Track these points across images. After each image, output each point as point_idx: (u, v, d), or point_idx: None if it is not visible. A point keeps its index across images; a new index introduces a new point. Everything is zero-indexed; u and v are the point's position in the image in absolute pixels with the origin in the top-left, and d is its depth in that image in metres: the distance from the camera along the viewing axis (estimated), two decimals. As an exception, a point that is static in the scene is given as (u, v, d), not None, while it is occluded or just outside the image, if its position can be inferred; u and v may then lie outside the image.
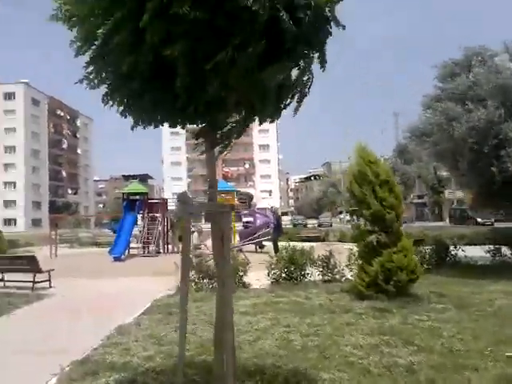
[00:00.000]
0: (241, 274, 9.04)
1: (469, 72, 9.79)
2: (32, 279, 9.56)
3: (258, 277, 9.57)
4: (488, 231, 21.92)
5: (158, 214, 20.28)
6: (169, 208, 21.10)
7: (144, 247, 19.24)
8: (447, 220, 45.90)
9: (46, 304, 8.29)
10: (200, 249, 14.33)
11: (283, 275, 9.34)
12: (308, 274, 9.49)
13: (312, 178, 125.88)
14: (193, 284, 8.89)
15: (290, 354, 4.73)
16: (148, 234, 19.54)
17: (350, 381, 3.96)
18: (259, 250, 17.58)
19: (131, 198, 20.09)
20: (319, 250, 10.33)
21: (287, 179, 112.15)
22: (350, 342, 5.07)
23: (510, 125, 8.55)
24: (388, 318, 6.14)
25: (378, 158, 9.10)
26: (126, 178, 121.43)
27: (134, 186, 20.78)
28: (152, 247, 19.73)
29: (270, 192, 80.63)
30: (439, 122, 9.75)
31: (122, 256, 17.23)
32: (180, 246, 21.22)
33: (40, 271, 9.73)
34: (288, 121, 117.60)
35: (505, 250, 12.33)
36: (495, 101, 8.70)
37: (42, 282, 9.82)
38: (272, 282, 9.30)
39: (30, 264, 9.71)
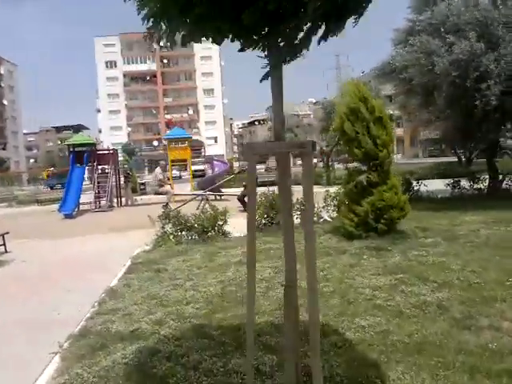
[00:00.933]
0: (221, 223, 8.59)
1: (443, 1, 9.45)
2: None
3: (233, 225, 9.19)
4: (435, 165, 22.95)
5: (107, 166, 19.02)
6: (119, 159, 19.84)
7: (96, 202, 18.09)
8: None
9: (7, 271, 7.43)
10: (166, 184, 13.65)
11: (263, 221, 9.02)
12: (288, 217, 9.25)
13: (256, 122, 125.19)
14: (171, 237, 8.36)
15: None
16: (99, 187, 18.35)
17: (388, 325, 3.75)
18: (220, 198, 17.14)
19: (77, 149, 18.54)
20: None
21: (231, 125, 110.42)
22: (365, 284, 4.88)
23: (490, 57, 8.42)
24: (388, 257, 6.04)
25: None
26: (58, 129, 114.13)
27: (80, 137, 19.17)
28: (104, 201, 18.65)
29: (216, 139, 79.13)
30: (416, 57, 9.46)
31: (73, 212, 16.10)
32: (134, 198, 20.33)
33: (-7, 235, 8.71)
34: (230, 64, 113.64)
35: (464, 182, 12.82)
36: (475, 33, 8.49)
37: (-4, 246, 8.84)
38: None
39: (-19, 228, 8.62)
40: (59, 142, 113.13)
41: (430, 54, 9.11)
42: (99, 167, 18.71)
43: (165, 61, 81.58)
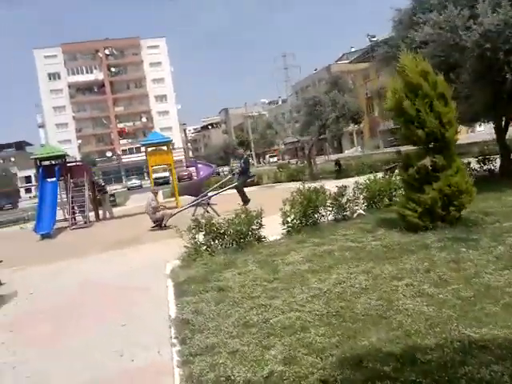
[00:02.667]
0: (255, 227, 7.56)
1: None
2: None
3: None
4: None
5: (80, 180, 17.31)
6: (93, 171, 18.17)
7: (72, 218, 16.36)
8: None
9: (17, 309, 6.03)
10: (161, 209, 12.32)
11: (297, 221, 8.07)
12: (323, 215, 8.39)
13: (209, 126, 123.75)
14: (204, 248, 7.24)
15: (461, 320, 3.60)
16: (73, 202, 16.63)
17: None
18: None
19: (46, 163, 16.72)
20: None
21: (184, 130, 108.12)
22: (506, 281, 4.10)
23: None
24: (485, 247, 5.29)
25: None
26: (0, 146, 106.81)
27: (48, 149, 17.22)
28: (80, 217, 16.96)
29: (173, 145, 76.87)
30: (437, 33, 8.91)
31: (51, 232, 14.38)
32: (112, 211, 18.70)
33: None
34: (179, 70, 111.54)
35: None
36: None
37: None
38: (288, 231, 8.00)
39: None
40: (1, 161, 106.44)
41: (455, 28, 8.60)
42: (71, 180, 16.96)
43: (112, 69, 78.53)
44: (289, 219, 8.00)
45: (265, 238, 7.68)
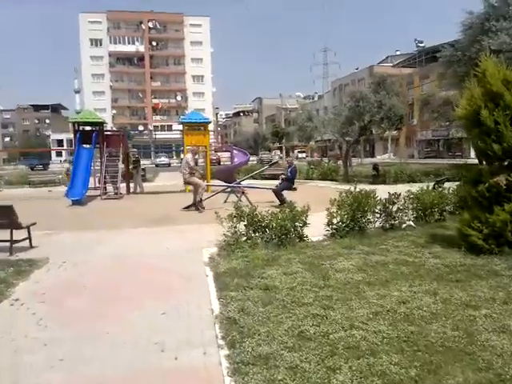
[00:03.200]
0: (300, 224, 7.12)
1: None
2: (9, 238, 6.83)
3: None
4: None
5: (115, 149, 17.18)
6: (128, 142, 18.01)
7: (103, 188, 16.26)
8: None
9: (52, 280, 5.77)
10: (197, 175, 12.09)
11: (343, 224, 7.58)
12: (371, 221, 7.89)
13: (241, 113, 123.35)
14: (244, 239, 6.85)
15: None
16: (106, 172, 16.51)
17: None
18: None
19: (84, 128, 16.63)
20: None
21: (216, 114, 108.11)
22: None
23: None
24: None
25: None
26: (36, 107, 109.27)
27: (88, 114, 17.06)
28: (111, 188, 16.87)
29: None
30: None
31: (82, 198, 14.28)
32: (143, 186, 18.56)
33: (20, 226, 7.00)
34: (218, 52, 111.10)
35: None
36: None
37: (20, 240, 7.12)
38: (332, 234, 7.54)
39: (5, 217, 6.87)
40: (36, 121, 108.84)
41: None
42: (107, 150, 16.83)
43: (153, 43, 78.59)
44: (335, 221, 7.54)
45: (307, 237, 7.25)
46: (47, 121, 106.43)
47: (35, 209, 12.13)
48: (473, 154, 43.92)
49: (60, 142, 77.69)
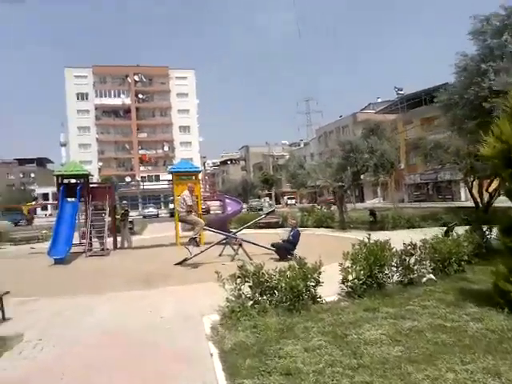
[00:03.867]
0: (312, 283, 6.30)
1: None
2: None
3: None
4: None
5: (101, 203, 16.35)
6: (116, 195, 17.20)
7: (88, 244, 15.25)
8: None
9: (23, 364, 4.78)
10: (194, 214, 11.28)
11: (359, 281, 6.76)
12: (389, 276, 7.10)
13: (228, 161, 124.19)
14: (250, 303, 5.97)
15: None
16: (92, 226, 15.58)
17: None
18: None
19: (70, 181, 15.85)
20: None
21: (204, 163, 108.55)
22: None
23: None
24: None
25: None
26: (21, 161, 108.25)
27: (72, 166, 16.34)
28: (97, 244, 15.87)
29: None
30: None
31: (65, 257, 13.25)
32: (131, 240, 17.58)
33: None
34: (204, 103, 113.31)
35: None
36: None
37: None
38: (348, 292, 6.71)
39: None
40: (21, 175, 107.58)
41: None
42: (93, 203, 15.98)
43: (140, 96, 79.77)
44: (350, 277, 6.74)
45: (320, 297, 6.41)
46: (32, 175, 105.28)
47: (12, 271, 11.08)
48: (463, 196, 44.19)
49: (45, 196, 76.39)
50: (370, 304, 6.05)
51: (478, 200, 21.61)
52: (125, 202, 18.01)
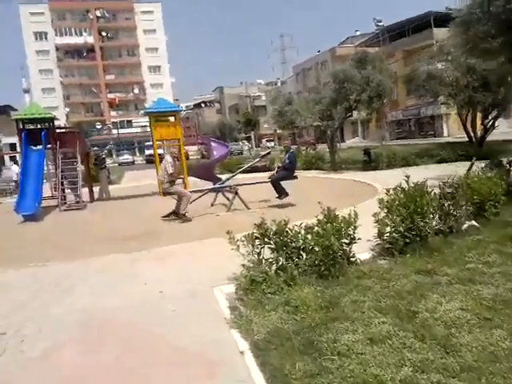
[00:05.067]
0: (346, 240, 5.06)
1: None
2: None
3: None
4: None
5: (70, 149, 14.52)
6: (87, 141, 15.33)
7: (62, 197, 13.61)
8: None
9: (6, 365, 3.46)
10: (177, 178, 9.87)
11: (397, 234, 5.56)
12: (429, 226, 5.92)
13: (202, 104, 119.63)
14: (273, 269, 4.71)
15: None
16: (63, 177, 13.86)
17: None
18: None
19: (31, 127, 13.85)
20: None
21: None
22: None
23: None
24: None
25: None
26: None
27: (34, 109, 14.21)
28: (71, 196, 14.26)
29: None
30: None
31: (37, 212, 11.68)
32: (109, 191, 16.01)
33: None
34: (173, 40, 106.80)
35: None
36: None
37: None
38: (385, 248, 5.53)
39: None
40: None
41: None
42: (61, 150, 14.14)
43: (103, 33, 73.94)
44: (387, 230, 5.55)
45: (354, 257, 5.22)
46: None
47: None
48: (445, 132, 43.49)
49: (13, 146, 72.09)
50: (419, 263, 4.89)
51: (472, 134, 20.72)
52: (96, 148, 16.18)
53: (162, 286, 4.95)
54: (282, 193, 10.37)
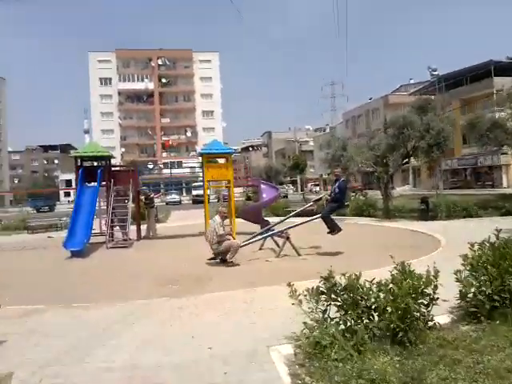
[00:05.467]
0: (425, 301, 4.33)
1: None
2: None
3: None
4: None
5: (122, 187, 14.65)
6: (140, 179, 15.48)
7: (110, 234, 13.59)
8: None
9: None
10: (227, 238, 9.29)
11: (482, 296, 4.74)
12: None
13: (250, 148, 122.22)
14: (339, 331, 4.04)
15: None
16: (114, 214, 13.91)
17: None
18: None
19: (88, 165, 14.18)
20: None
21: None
22: None
23: None
24: None
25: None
26: (45, 148, 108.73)
27: (93, 147, 14.66)
28: (119, 233, 14.22)
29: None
30: None
31: (83, 248, 11.62)
32: (156, 229, 15.94)
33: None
34: (227, 88, 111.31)
35: None
36: None
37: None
38: (473, 313, 4.72)
39: None
40: (45, 162, 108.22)
41: None
42: (115, 188, 14.30)
43: (163, 80, 78.13)
44: (472, 290, 4.75)
45: (432, 320, 4.44)
46: (56, 161, 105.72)
47: (22, 266, 9.48)
48: (505, 183, 41.11)
49: (68, 182, 76.10)
50: (516, 334, 4.06)
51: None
52: (144, 187, 16.26)
53: (211, 341, 4.38)
54: (334, 228, 9.71)
